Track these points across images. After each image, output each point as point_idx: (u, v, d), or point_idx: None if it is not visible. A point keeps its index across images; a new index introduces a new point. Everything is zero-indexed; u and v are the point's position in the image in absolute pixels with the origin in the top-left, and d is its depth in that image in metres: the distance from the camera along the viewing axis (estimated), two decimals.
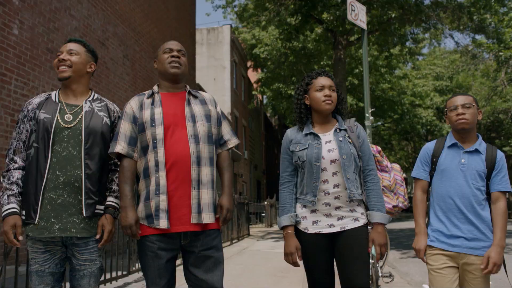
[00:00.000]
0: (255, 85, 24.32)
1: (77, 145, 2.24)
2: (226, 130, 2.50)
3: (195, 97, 2.43)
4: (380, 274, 4.46)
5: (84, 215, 2.20)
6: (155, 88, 2.42)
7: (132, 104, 2.36)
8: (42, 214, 2.15)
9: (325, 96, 2.42)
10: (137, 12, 10.39)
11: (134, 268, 5.58)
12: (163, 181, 2.19)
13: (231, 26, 23.20)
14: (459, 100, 2.47)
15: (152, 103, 2.33)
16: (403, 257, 8.43)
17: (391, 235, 12.57)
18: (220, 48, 23.08)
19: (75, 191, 2.20)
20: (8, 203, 2.17)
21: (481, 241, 2.36)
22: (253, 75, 27.11)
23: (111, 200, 2.34)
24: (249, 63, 24.17)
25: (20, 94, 6.13)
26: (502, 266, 2.37)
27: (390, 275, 4.87)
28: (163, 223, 2.17)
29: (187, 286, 2.31)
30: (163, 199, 2.18)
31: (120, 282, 5.16)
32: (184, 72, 2.41)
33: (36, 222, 2.14)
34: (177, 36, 13.18)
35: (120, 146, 2.25)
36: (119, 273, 5.12)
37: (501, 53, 14.31)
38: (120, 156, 2.29)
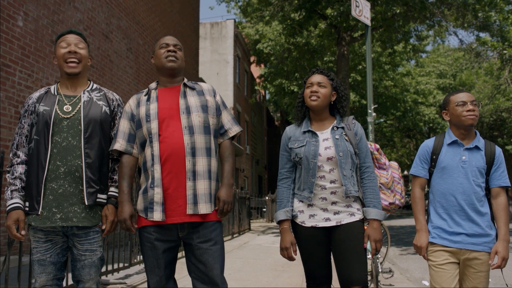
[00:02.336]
0: (258, 80, 24.28)
1: (76, 134, 2.26)
2: (227, 119, 2.47)
3: (192, 89, 2.43)
4: (380, 270, 4.49)
5: (86, 203, 2.22)
6: (153, 85, 2.47)
7: (131, 103, 2.43)
8: (44, 204, 2.18)
9: (311, 92, 2.47)
10: (141, 6, 10.38)
11: (135, 260, 5.62)
12: (157, 174, 2.23)
13: (234, 21, 23.13)
14: (467, 96, 2.49)
15: (148, 99, 2.38)
16: (403, 253, 8.47)
17: (392, 232, 12.59)
18: (224, 42, 23.04)
19: (76, 181, 2.23)
20: (12, 198, 2.20)
21: (482, 236, 2.39)
22: (256, 70, 27.06)
23: (112, 190, 2.37)
24: (252, 58, 24.11)
25: (24, 85, 6.15)
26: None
27: (390, 271, 4.91)
28: (157, 216, 2.21)
29: (181, 278, 2.33)
30: (157, 192, 2.22)
31: (122, 273, 5.20)
32: (180, 66, 2.43)
33: (39, 213, 2.16)
34: (181, 30, 13.17)
35: (118, 144, 2.34)
36: (121, 264, 5.15)
37: (505, 52, 14.28)
38: (120, 153, 2.36)
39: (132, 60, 9.82)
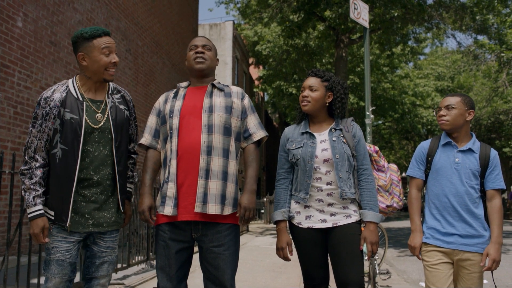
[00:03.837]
0: (256, 82, 24.31)
1: (107, 144, 2.26)
2: (253, 123, 2.44)
3: (221, 90, 2.42)
4: (377, 271, 4.50)
5: (122, 210, 2.30)
6: (183, 83, 2.51)
7: (160, 99, 2.50)
8: (76, 210, 2.18)
9: (302, 97, 2.51)
10: (140, 7, 10.40)
11: (133, 261, 5.63)
12: (173, 169, 2.25)
13: (233, 22, 23.15)
14: (444, 101, 2.54)
15: (175, 97, 2.43)
16: (400, 255, 8.49)
17: (390, 234, 12.61)
18: (222, 44, 23.05)
19: (106, 189, 2.25)
20: (35, 204, 2.14)
21: (475, 237, 2.41)
22: (255, 72, 27.09)
23: (128, 186, 2.44)
24: (251, 60, 24.13)
25: (23, 86, 6.16)
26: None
27: (387, 273, 4.92)
28: (167, 210, 2.23)
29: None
30: (171, 187, 2.24)
31: (120, 274, 5.21)
32: (210, 66, 2.44)
33: (67, 225, 2.15)
34: (180, 32, 13.19)
35: (144, 138, 2.43)
36: (119, 265, 5.16)
37: (502, 54, 14.35)
38: (146, 147, 2.44)
39: (131, 61, 9.84)
